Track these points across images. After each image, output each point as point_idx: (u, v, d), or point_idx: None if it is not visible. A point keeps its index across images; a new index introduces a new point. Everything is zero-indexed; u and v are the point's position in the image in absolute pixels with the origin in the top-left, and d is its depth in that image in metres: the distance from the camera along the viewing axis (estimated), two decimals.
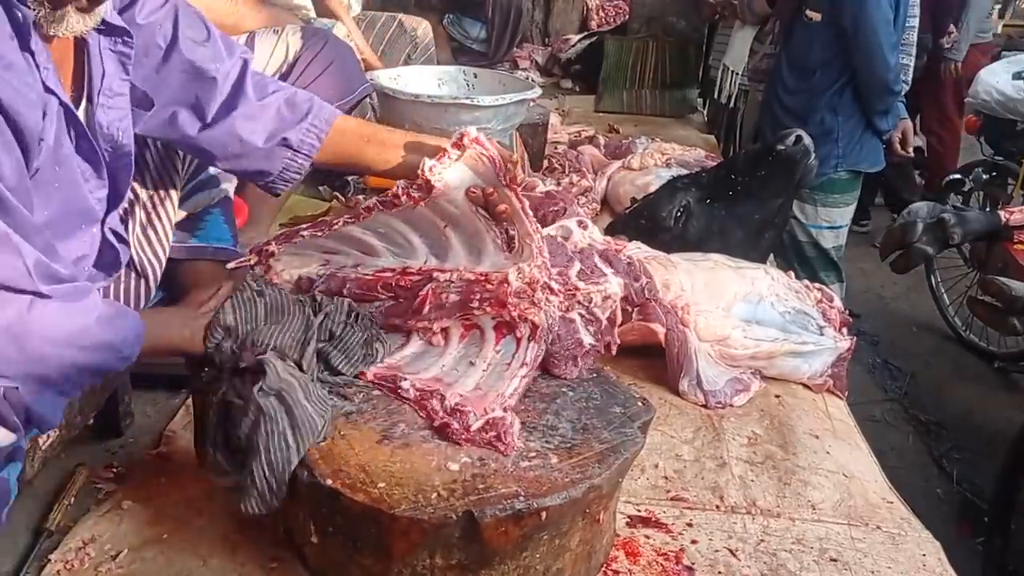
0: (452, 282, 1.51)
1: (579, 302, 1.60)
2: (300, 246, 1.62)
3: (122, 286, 1.49)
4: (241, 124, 1.48)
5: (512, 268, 1.50)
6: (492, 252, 1.57)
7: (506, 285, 1.47)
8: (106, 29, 1.28)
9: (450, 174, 1.56)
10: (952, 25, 5.32)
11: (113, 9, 1.31)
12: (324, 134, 1.55)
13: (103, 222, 1.34)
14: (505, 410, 1.35)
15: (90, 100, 1.29)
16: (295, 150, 1.53)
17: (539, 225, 1.60)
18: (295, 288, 1.58)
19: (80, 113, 1.27)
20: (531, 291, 1.50)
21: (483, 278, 1.50)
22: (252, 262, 1.55)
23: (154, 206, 1.51)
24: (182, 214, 1.59)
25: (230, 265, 1.57)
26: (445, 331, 1.53)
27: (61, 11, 1.17)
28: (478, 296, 1.49)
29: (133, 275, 1.50)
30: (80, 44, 1.27)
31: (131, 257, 1.47)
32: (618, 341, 1.68)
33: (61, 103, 1.20)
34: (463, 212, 1.59)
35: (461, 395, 1.38)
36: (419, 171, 1.52)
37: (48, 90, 1.18)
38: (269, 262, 1.58)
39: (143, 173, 1.50)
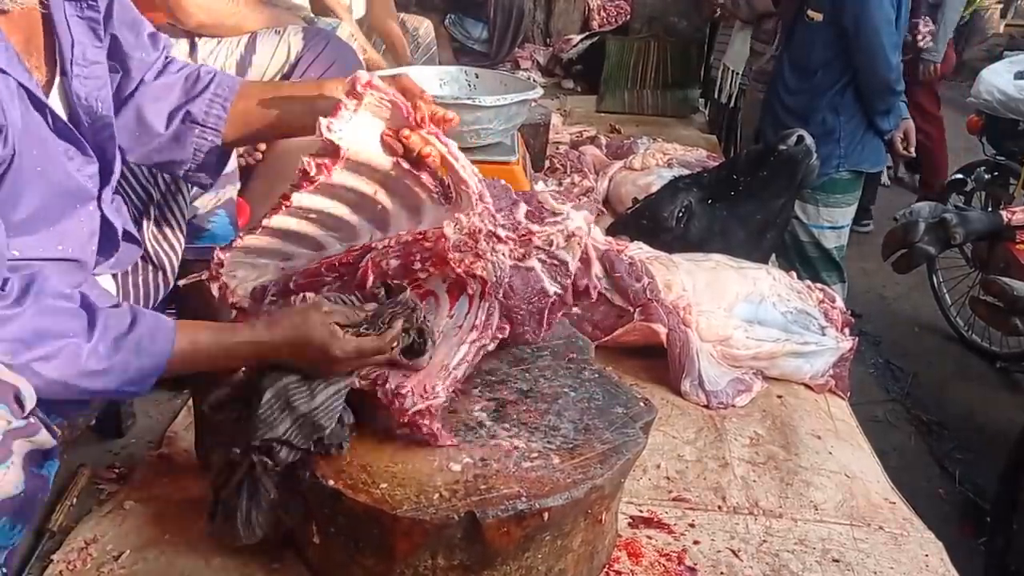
0: (390, 247, 1.39)
1: (538, 247, 1.42)
2: (253, 255, 1.45)
3: (140, 278, 1.48)
4: (144, 106, 1.38)
5: (448, 220, 1.36)
6: (431, 207, 1.42)
7: (444, 240, 1.34)
8: None
9: (355, 129, 1.36)
10: (923, 20, 5.20)
11: None
12: (228, 102, 1.43)
13: (99, 199, 1.29)
14: (447, 390, 1.28)
15: (64, 73, 1.23)
16: (201, 124, 1.41)
17: (475, 167, 1.42)
18: (251, 300, 1.44)
19: (55, 89, 1.22)
20: (473, 242, 1.36)
21: (420, 237, 1.37)
22: (204, 277, 1.43)
23: (167, 202, 1.50)
24: (191, 213, 1.59)
25: (182, 282, 1.48)
26: None
27: None
28: (418, 257, 1.37)
29: (150, 267, 1.49)
30: (47, 18, 1.21)
31: (147, 250, 1.46)
32: (596, 284, 1.50)
33: (20, 84, 1.14)
34: (388, 171, 1.40)
35: (404, 374, 1.30)
36: (316, 133, 1.34)
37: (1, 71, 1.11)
38: (222, 278, 1.43)
39: (155, 174, 1.49)
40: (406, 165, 1.40)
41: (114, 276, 1.47)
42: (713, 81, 4.52)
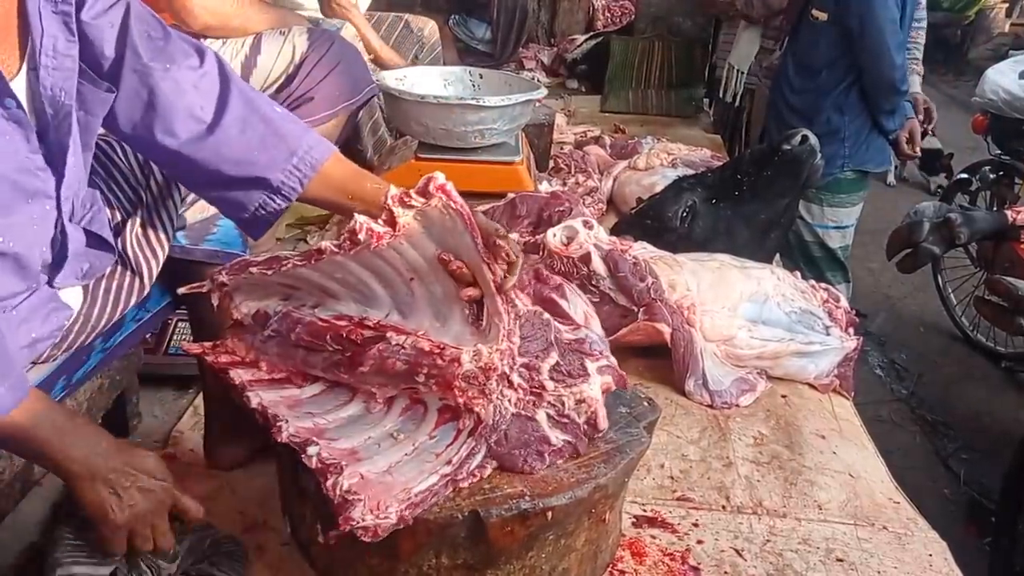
0: (403, 347, 1.29)
1: (549, 402, 1.35)
2: (260, 286, 1.42)
3: (115, 282, 1.45)
4: (214, 146, 1.33)
5: (468, 347, 1.29)
6: (459, 322, 1.35)
7: (456, 365, 1.26)
8: None
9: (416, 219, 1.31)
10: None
11: None
12: (308, 179, 1.37)
13: (58, 200, 1.24)
14: (400, 515, 1.17)
15: (33, 68, 1.20)
16: (275, 191, 1.36)
17: (518, 304, 1.37)
18: (252, 322, 1.40)
19: (21, 80, 1.20)
20: (484, 379, 1.27)
21: (437, 350, 1.28)
22: (205, 289, 1.39)
23: (156, 206, 1.48)
24: (198, 216, 1.57)
25: (181, 290, 1.43)
26: (390, 400, 1.35)
27: None
28: (426, 369, 1.28)
29: (128, 272, 1.46)
30: (21, 11, 1.19)
31: (128, 254, 1.44)
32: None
33: None
34: (432, 268, 1.35)
35: (362, 475, 1.20)
36: (382, 202, 1.31)
37: None
38: (228, 294, 1.40)
39: (148, 177, 1.48)
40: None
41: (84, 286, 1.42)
42: (718, 80, 4.52)
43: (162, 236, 1.48)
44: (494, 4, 5.54)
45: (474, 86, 2.91)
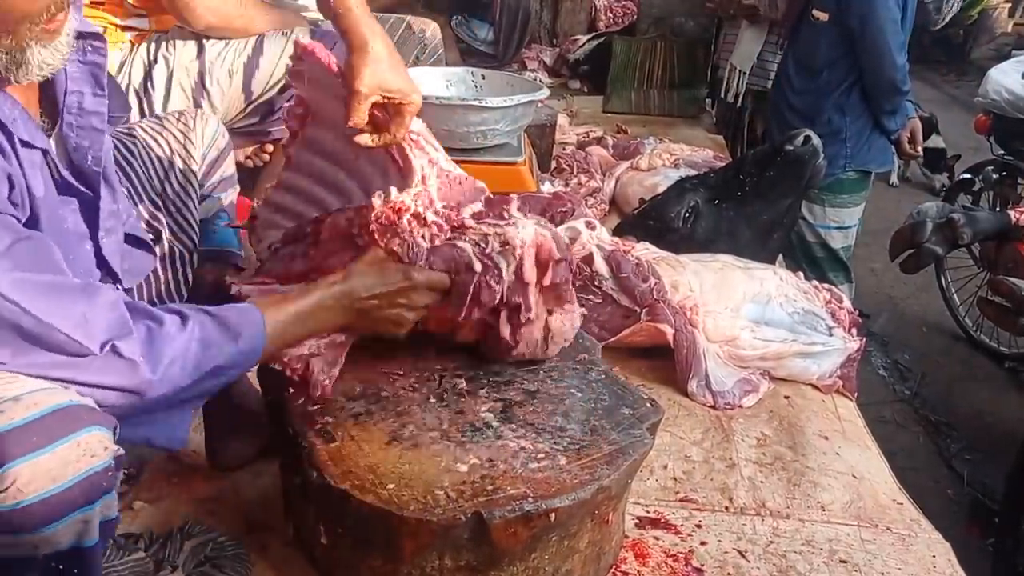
0: (345, 211, 1.45)
1: (472, 240, 1.41)
2: (277, 213, 1.62)
3: (162, 282, 1.48)
4: None
5: (377, 193, 1.40)
6: (390, 181, 1.48)
7: (369, 209, 1.39)
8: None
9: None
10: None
11: (78, 12, 1.13)
12: None
13: (96, 239, 1.25)
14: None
15: (59, 126, 1.19)
16: None
17: (442, 155, 1.50)
18: (269, 253, 1.55)
19: (52, 141, 1.17)
20: (395, 217, 1.38)
21: (365, 205, 1.41)
22: (246, 227, 1.60)
23: (183, 200, 1.51)
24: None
25: (232, 282, 1.48)
26: None
27: (21, 53, 1.03)
28: (356, 223, 1.41)
29: (170, 269, 1.49)
30: None
31: (166, 250, 1.47)
32: (531, 307, 1.43)
33: (44, 152, 1.12)
34: (349, 146, 1.53)
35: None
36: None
37: (25, 144, 1.08)
38: (257, 230, 1.62)
39: (167, 171, 1.49)
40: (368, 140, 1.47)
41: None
42: (720, 81, 4.51)
43: (193, 222, 1.51)
44: (497, 5, 5.54)
45: (476, 87, 2.90)
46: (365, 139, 1.43)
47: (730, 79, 4.24)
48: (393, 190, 1.39)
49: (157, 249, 1.47)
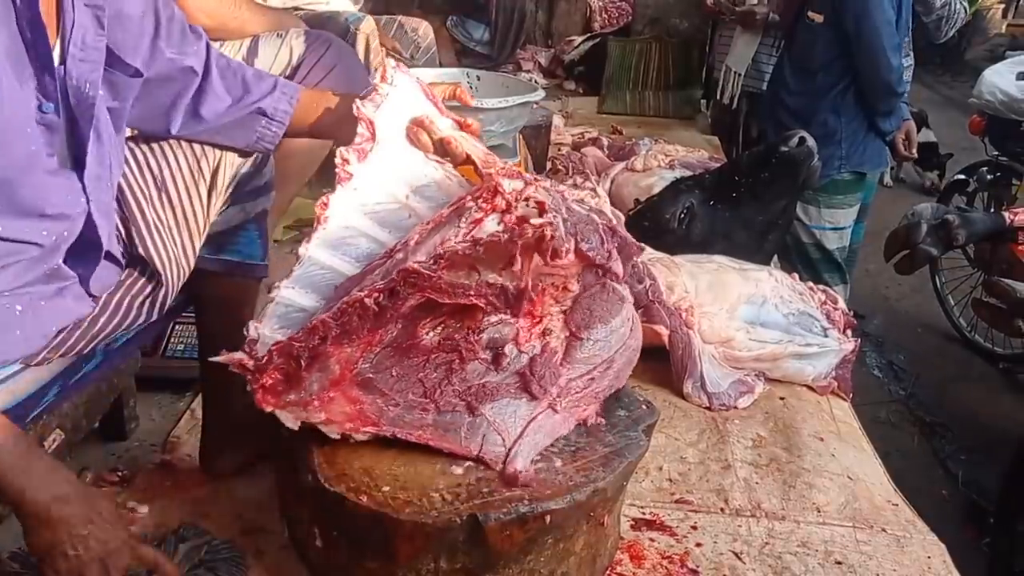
0: (418, 237, 1.25)
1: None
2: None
3: (132, 291, 1.44)
4: (213, 105, 1.44)
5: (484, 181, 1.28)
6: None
7: (492, 179, 1.24)
8: None
9: (387, 116, 1.39)
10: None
11: None
12: (295, 100, 1.50)
13: (86, 196, 1.25)
14: None
15: (63, 53, 1.23)
16: (269, 117, 1.48)
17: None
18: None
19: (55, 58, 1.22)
20: (519, 174, 1.29)
21: (458, 200, 1.26)
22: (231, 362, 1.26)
23: (184, 211, 1.46)
24: (218, 226, 1.53)
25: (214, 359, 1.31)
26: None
27: None
28: (463, 219, 1.22)
29: (150, 283, 1.42)
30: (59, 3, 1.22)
31: (154, 260, 1.42)
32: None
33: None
34: (418, 169, 1.42)
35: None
36: (354, 112, 1.39)
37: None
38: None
39: (174, 174, 1.46)
40: (435, 159, 1.42)
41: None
42: (715, 83, 4.52)
43: (195, 243, 1.46)
44: (491, 5, 5.55)
45: (471, 88, 2.90)
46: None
47: (725, 81, 4.25)
48: (506, 181, 1.23)
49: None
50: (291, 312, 1.31)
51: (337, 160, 1.37)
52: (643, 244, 1.55)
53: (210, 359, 1.31)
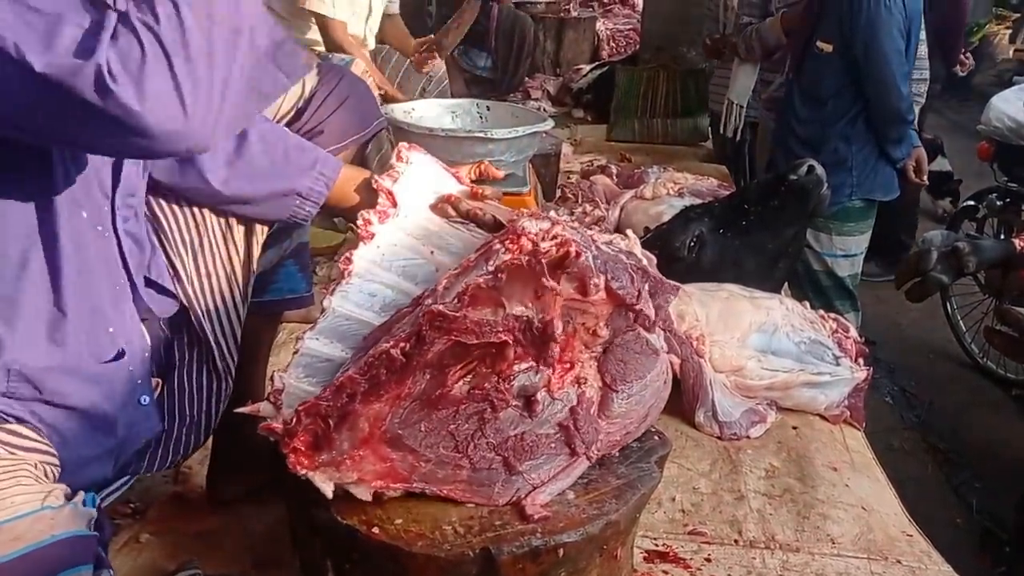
0: (446, 284, 1.25)
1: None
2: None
3: (194, 383, 1.42)
4: (246, 171, 1.41)
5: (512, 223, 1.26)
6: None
7: (515, 223, 1.24)
8: None
9: (406, 189, 1.42)
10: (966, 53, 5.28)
11: None
12: (332, 182, 1.46)
13: (112, 205, 1.24)
14: None
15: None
16: (304, 197, 1.45)
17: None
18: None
19: None
20: (546, 217, 1.28)
21: (483, 246, 1.27)
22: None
23: (229, 288, 1.44)
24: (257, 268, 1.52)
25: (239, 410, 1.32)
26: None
27: None
28: (489, 263, 1.21)
29: (213, 375, 1.42)
30: None
31: (210, 350, 1.40)
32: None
33: None
34: (438, 228, 1.44)
35: None
36: (373, 185, 1.43)
37: None
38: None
39: (214, 245, 1.44)
40: (459, 221, 1.44)
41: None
42: (716, 115, 4.53)
43: (236, 326, 1.45)
44: (491, 34, 5.60)
45: (482, 118, 2.92)
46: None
47: (728, 114, 4.26)
48: (526, 223, 1.23)
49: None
50: (316, 362, 1.31)
51: (359, 221, 1.39)
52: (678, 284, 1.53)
53: (235, 410, 1.32)
